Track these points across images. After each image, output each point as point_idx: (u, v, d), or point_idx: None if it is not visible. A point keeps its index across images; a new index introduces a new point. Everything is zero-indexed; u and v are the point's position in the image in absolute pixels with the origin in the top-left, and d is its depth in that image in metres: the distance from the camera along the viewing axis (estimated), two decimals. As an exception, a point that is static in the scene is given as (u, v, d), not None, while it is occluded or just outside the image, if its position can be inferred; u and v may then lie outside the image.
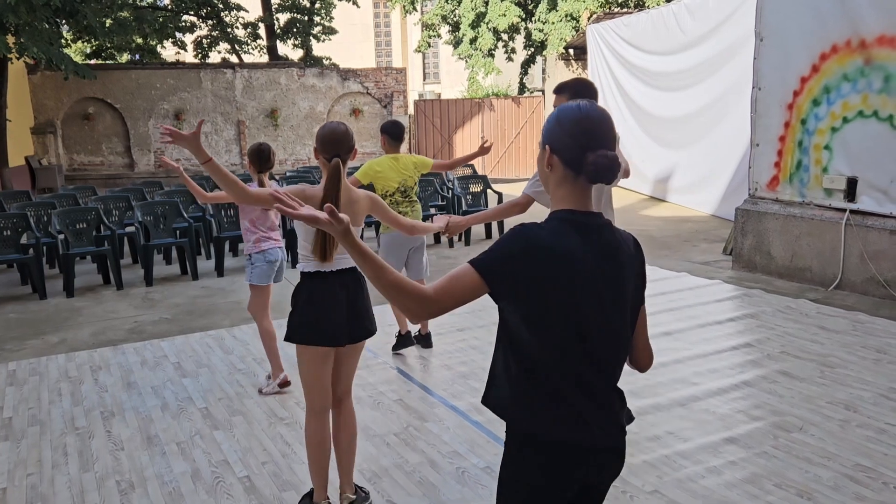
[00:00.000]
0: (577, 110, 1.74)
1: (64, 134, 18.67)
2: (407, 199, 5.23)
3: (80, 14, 16.49)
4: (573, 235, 1.70)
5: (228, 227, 9.15)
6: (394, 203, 5.13)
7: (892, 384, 4.49)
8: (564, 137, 1.73)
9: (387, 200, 5.07)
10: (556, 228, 1.70)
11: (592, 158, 1.68)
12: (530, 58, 22.97)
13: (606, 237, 1.75)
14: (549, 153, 1.75)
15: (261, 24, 23.75)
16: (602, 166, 1.67)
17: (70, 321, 6.82)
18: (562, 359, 1.71)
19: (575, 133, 1.72)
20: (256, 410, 4.48)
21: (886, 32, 6.22)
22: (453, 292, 1.67)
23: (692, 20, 12.27)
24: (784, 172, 7.42)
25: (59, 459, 3.90)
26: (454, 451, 3.82)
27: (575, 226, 1.72)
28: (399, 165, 5.20)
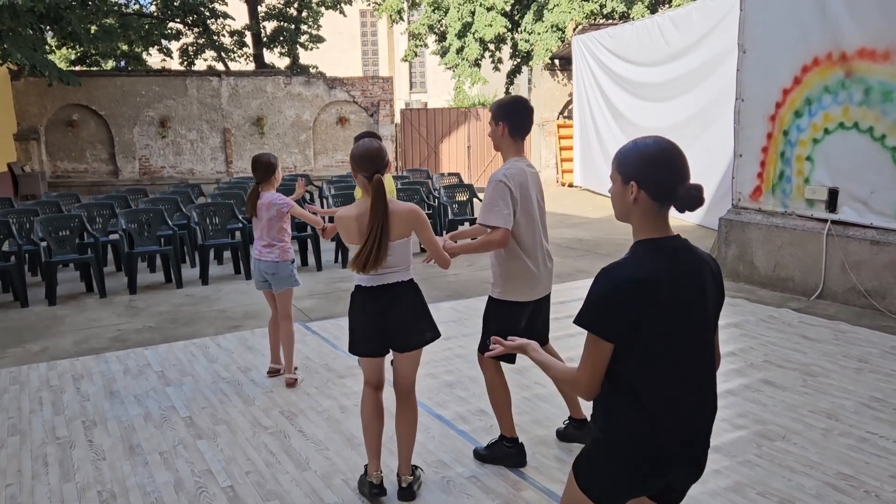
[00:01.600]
0: (657, 147, 1.93)
1: (47, 140, 18.52)
2: None
3: (64, 20, 16.42)
4: (661, 261, 1.89)
5: (213, 235, 9.11)
6: None
7: (873, 393, 4.54)
8: (654, 174, 1.90)
9: None
10: (644, 258, 1.90)
11: (683, 192, 1.88)
12: (516, 68, 23.07)
13: (690, 257, 1.96)
14: (637, 189, 1.91)
15: (247, 31, 23.71)
16: (694, 197, 1.87)
17: (52, 329, 6.75)
18: (661, 377, 1.89)
19: (665, 169, 1.90)
20: (240, 419, 4.45)
21: (867, 46, 6.31)
22: (593, 365, 1.90)
23: (677, 32, 12.39)
24: (767, 183, 7.49)
25: (40, 469, 3.86)
26: (439, 461, 3.82)
27: (662, 251, 1.91)
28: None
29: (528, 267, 3.50)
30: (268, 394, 4.87)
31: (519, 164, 3.49)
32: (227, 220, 9.37)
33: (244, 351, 5.84)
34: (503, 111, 3.50)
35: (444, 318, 6.39)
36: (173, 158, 19.54)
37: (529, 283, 3.53)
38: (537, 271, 3.53)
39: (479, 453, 3.80)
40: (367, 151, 3.20)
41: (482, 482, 3.56)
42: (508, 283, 3.53)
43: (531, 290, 3.56)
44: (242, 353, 5.78)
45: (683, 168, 1.91)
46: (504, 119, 3.49)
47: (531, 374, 4.99)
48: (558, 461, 3.76)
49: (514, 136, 3.52)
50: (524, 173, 3.47)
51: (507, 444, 3.70)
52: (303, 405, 4.64)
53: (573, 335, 5.92)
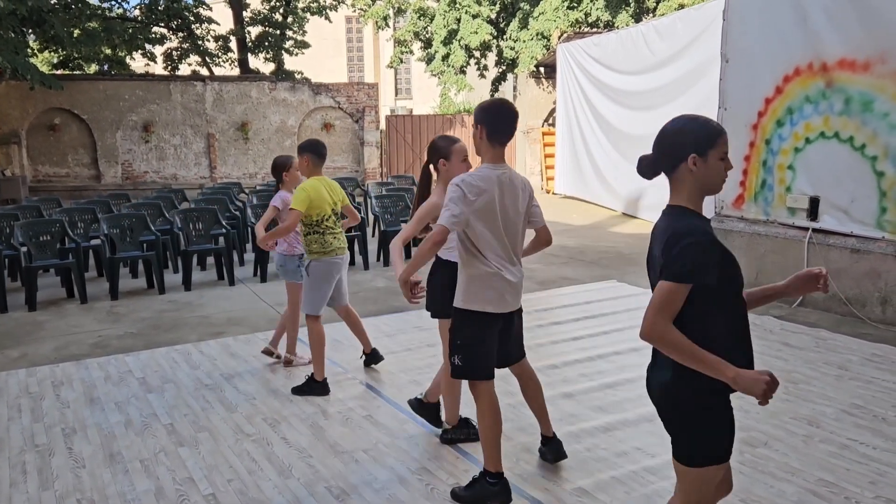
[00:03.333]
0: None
1: (29, 144, 18.35)
2: (338, 223, 5.00)
3: (47, 24, 16.30)
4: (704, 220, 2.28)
5: (197, 240, 9.05)
6: (329, 228, 4.88)
7: (854, 400, 4.58)
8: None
9: (322, 227, 4.85)
10: (696, 217, 2.29)
11: None
12: (501, 75, 23.17)
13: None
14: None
15: (232, 37, 23.64)
16: None
17: (32, 335, 6.67)
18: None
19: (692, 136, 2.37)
20: (223, 427, 4.42)
21: (847, 56, 6.39)
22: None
23: (661, 41, 12.50)
24: (749, 191, 7.56)
25: (18, 478, 3.80)
26: (423, 468, 3.81)
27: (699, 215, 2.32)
28: (328, 186, 4.97)
29: (495, 276, 3.27)
30: (251, 401, 4.84)
31: (486, 172, 3.25)
32: (211, 226, 9.31)
33: (227, 357, 5.80)
34: (483, 113, 3.28)
35: (430, 325, 6.38)
36: (156, 163, 19.43)
37: (498, 293, 3.30)
38: (506, 282, 3.29)
39: (457, 494, 3.43)
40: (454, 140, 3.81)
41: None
42: (472, 291, 3.30)
43: (500, 300, 3.31)
44: (225, 360, 5.74)
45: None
46: (483, 122, 3.26)
47: (514, 382, 4.98)
48: (543, 469, 3.76)
49: (492, 141, 3.26)
50: (490, 180, 3.22)
51: (491, 480, 3.34)
52: (286, 412, 4.62)
53: (557, 342, 5.94)
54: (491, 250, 3.27)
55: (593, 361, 5.45)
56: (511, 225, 3.33)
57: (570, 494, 3.48)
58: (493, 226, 3.26)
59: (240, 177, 19.61)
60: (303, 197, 4.77)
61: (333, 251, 4.91)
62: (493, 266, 3.27)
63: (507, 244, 3.32)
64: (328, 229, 4.89)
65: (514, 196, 3.34)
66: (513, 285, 3.34)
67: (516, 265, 3.38)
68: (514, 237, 3.37)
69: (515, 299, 3.41)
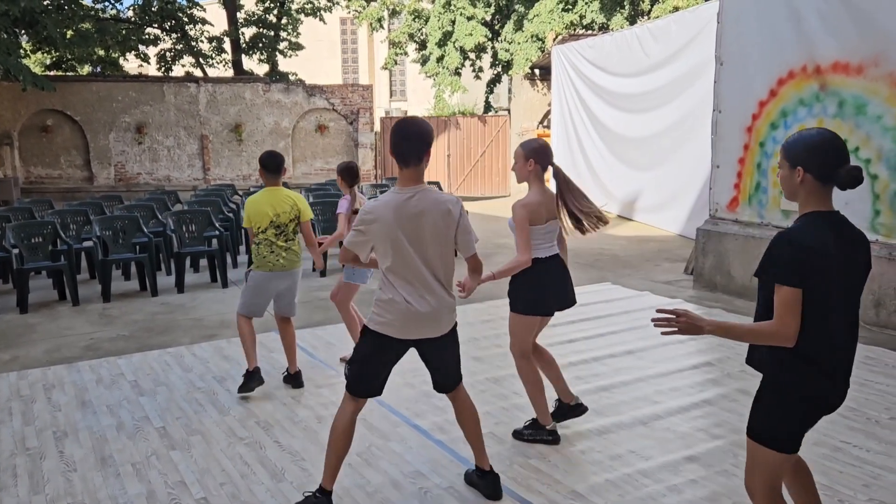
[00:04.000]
0: (820, 137, 2.36)
1: (21, 146, 18.27)
2: (283, 237, 4.88)
3: (39, 25, 16.26)
4: (826, 230, 2.33)
5: (190, 242, 9.02)
6: (267, 241, 4.84)
7: (847, 402, 4.55)
8: (818, 158, 2.34)
9: (259, 237, 4.85)
10: (813, 227, 2.34)
11: (845, 171, 2.31)
12: (496, 77, 23.19)
13: (850, 228, 2.40)
14: (803, 172, 2.35)
15: (226, 38, 23.60)
16: (855, 176, 2.30)
17: (23, 338, 6.63)
18: (820, 328, 2.31)
19: (828, 153, 2.33)
20: (215, 430, 4.39)
21: (840, 59, 6.41)
22: (793, 313, 2.29)
23: (655, 43, 12.52)
24: (743, 194, 7.57)
25: (8, 481, 3.77)
26: (416, 471, 3.79)
27: (827, 222, 2.36)
28: (273, 198, 4.87)
29: (399, 299, 3.17)
30: (243, 404, 4.81)
31: (388, 197, 3.16)
32: (204, 228, 9.28)
33: (220, 360, 5.78)
34: (390, 134, 3.20)
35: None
36: (150, 165, 19.37)
37: (406, 321, 3.19)
38: (413, 308, 3.16)
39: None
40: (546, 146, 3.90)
41: (459, 493, 3.54)
42: (378, 311, 3.24)
43: (406, 327, 3.20)
44: (218, 363, 5.71)
45: (846, 152, 2.34)
46: (390, 143, 3.18)
47: (509, 385, 4.99)
48: (537, 472, 3.75)
49: (399, 164, 3.16)
50: (387, 207, 3.12)
51: (319, 495, 3.35)
52: (279, 415, 4.59)
53: (552, 345, 5.93)
54: (399, 273, 3.17)
55: (588, 364, 5.45)
56: (425, 251, 3.16)
57: (564, 497, 3.47)
58: (399, 248, 3.13)
59: (233, 178, 19.57)
60: (246, 214, 4.94)
61: (268, 265, 4.87)
62: (398, 293, 3.17)
63: (422, 267, 3.16)
64: (264, 241, 4.85)
65: (422, 221, 3.13)
66: (421, 315, 3.18)
67: (434, 293, 3.20)
68: (431, 264, 3.19)
69: (425, 328, 3.24)
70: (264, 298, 5.00)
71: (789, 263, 2.28)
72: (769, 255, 2.34)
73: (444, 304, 3.25)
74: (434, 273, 3.21)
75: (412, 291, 3.17)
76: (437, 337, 3.30)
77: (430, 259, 3.19)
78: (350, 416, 3.33)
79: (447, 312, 3.29)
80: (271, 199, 4.88)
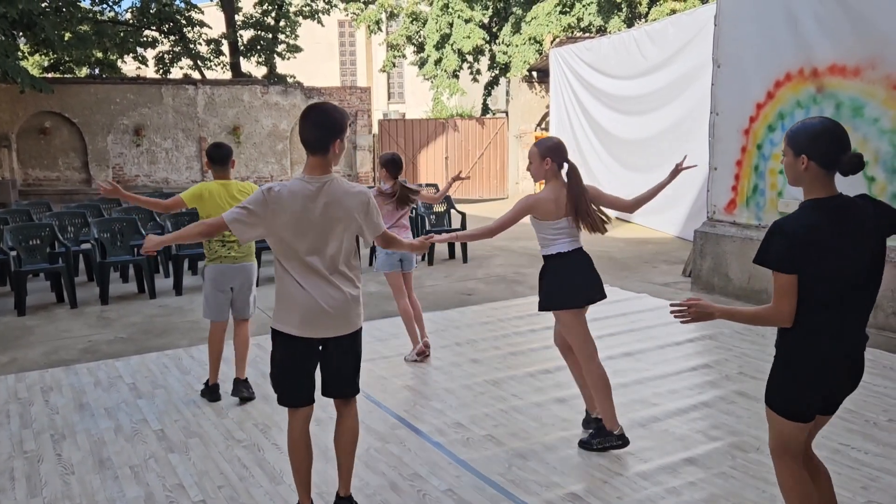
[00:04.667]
0: (821, 125, 2.47)
1: (19, 148, 18.24)
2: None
3: (37, 27, 16.24)
4: (824, 215, 2.44)
5: (187, 245, 9.01)
6: (220, 237, 4.67)
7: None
8: (821, 146, 2.44)
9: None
10: (810, 213, 2.46)
11: (847, 158, 2.41)
12: (494, 79, 23.20)
13: (852, 211, 2.47)
14: (807, 160, 2.46)
15: (224, 40, 23.60)
16: (856, 163, 2.41)
17: (21, 340, 6.62)
18: (820, 311, 2.45)
19: (830, 141, 2.44)
20: (213, 432, 4.39)
21: (837, 62, 6.42)
22: (788, 297, 2.46)
23: (653, 46, 12.54)
24: (741, 196, 7.58)
25: (6, 484, 3.76)
26: (415, 474, 3.79)
27: (825, 208, 2.46)
28: (227, 192, 4.78)
29: (300, 293, 3.02)
30: (241, 406, 4.81)
31: (295, 183, 3.02)
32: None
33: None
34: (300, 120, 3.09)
35: (421, 330, 6.36)
36: (148, 167, 19.35)
37: (303, 314, 3.03)
38: (315, 301, 3.01)
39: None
40: (559, 144, 4.01)
41: (458, 495, 3.54)
42: (278, 308, 3.11)
43: (309, 324, 3.05)
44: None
45: (848, 140, 2.43)
46: (299, 131, 3.07)
47: (507, 387, 4.99)
48: (535, 474, 3.75)
49: (307, 150, 3.04)
50: (294, 194, 2.97)
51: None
52: (277, 418, 4.59)
53: (550, 347, 5.94)
54: (298, 269, 3.03)
55: (586, 366, 5.44)
56: (329, 242, 3.03)
57: (562, 499, 3.47)
58: (297, 234, 2.99)
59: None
60: (192, 191, 4.75)
61: (220, 259, 4.78)
62: (301, 280, 3.02)
63: (322, 264, 3.03)
64: (223, 237, 4.71)
65: (329, 211, 3.01)
66: (324, 311, 3.03)
67: (338, 288, 3.06)
68: (335, 256, 3.06)
69: (337, 325, 3.09)
70: (225, 296, 4.87)
71: (781, 250, 2.44)
72: (765, 243, 2.50)
73: (349, 298, 3.10)
74: (337, 266, 3.07)
75: (314, 285, 3.02)
76: (343, 336, 3.13)
77: (334, 251, 3.05)
78: (300, 429, 3.20)
79: (354, 307, 3.13)
80: (225, 194, 4.76)
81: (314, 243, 3.01)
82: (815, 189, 2.50)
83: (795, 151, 2.50)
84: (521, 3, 20.80)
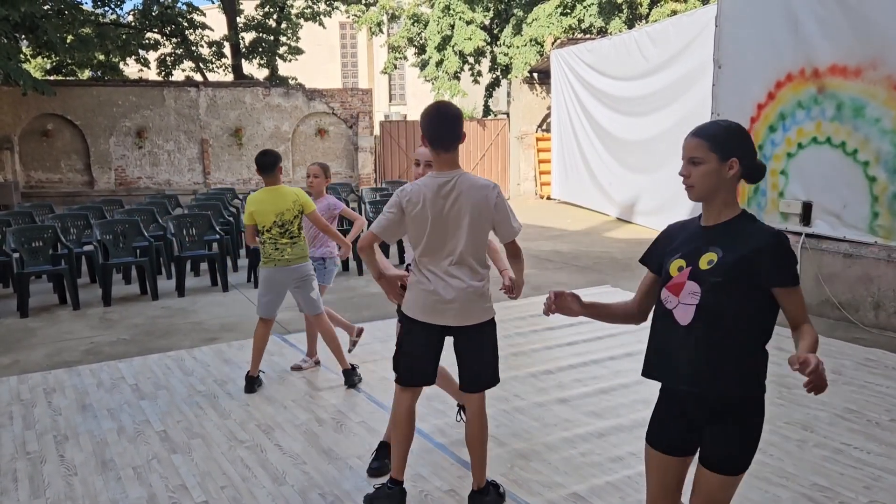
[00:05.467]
0: (739, 126, 2.22)
1: (21, 150, 18.28)
2: (287, 234, 5.00)
3: (40, 29, 16.28)
4: None
5: (190, 246, 9.03)
6: (272, 239, 4.98)
7: (847, 404, 4.59)
8: (751, 147, 2.20)
9: (265, 236, 4.98)
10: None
11: (760, 163, 2.23)
12: (495, 81, 23.21)
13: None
14: (738, 164, 2.17)
15: (226, 42, 23.65)
16: (762, 170, 2.23)
17: (23, 342, 6.64)
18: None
19: (751, 145, 2.21)
20: (216, 433, 4.39)
21: (838, 62, 6.42)
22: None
23: (654, 47, 12.54)
24: (742, 196, 7.58)
25: (9, 486, 3.77)
26: (417, 474, 3.79)
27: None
28: (275, 197, 5.00)
29: (426, 285, 3.19)
30: (244, 407, 4.82)
31: (426, 181, 3.15)
32: (205, 232, 9.29)
33: (220, 364, 5.78)
34: (422, 121, 3.19)
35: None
36: (150, 169, 19.38)
37: (429, 304, 3.20)
38: (439, 293, 3.16)
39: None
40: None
41: (460, 496, 3.54)
42: (407, 297, 3.28)
43: (431, 311, 3.20)
44: (219, 366, 5.72)
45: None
46: (423, 131, 3.17)
47: (510, 387, 4.99)
48: (538, 474, 3.75)
49: (434, 148, 3.14)
50: (428, 190, 3.12)
51: (390, 486, 3.41)
52: (280, 419, 4.60)
53: (551, 347, 5.94)
54: (425, 257, 3.19)
55: (588, 366, 5.45)
56: (459, 236, 3.15)
57: (564, 500, 3.48)
58: (422, 232, 3.14)
59: (234, 182, 19.58)
60: (246, 213, 5.11)
61: (273, 261, 5.01)
62: (428, 274, 3.18)
63: (449, 257, 3.16)
64: (269, 239, 5.00)
65: (459, 205, 3.13)
66: (446, 301, 3.17)
67: (462, 280, 3.17)
68: (463, 250, 3.16)
69: (451, 314, 3.20)
70: (275, 295, 5.09)
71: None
72: (793, 258, 2.28)
73: (472, 290, 3.20)
74: (465, 259, 3.18)
75: (440, 277, 3.17)
76: (468, 326, 3.24)
77: (462, 245, 3.15)
78: (404, 406, 3.36)
79: (476, 299, 3.21)
80: (273, 199, 5.00)
81: (443, 236, 3.15)
82: (734, 202, 2.21)
83: (722, 155, 2.15)
84: (522, 5, 20.82)
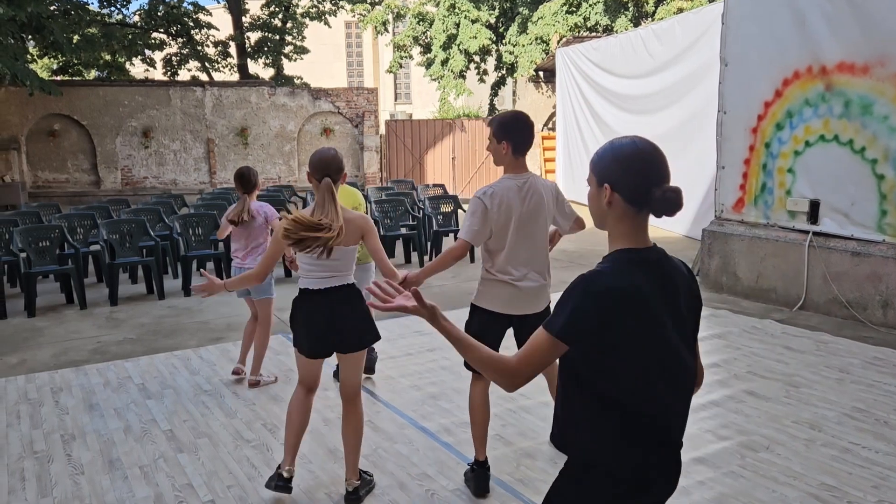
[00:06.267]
0: (633, 146, 1.77)
1: (28, 150, 18.35)
2: None
3: (46, 30, 16.33)
4: (637, 273, 1.73)
5: (196, 246, 9.04)
6: None
7: (855, 403, 4.56)
8: (627, 175, 1.75)
9: None
10: (622, 269, 1.74)
11: (660, 193, 1.72)
12: (501, 79, 23.21)
13: (666, 270, 1.79)
14: (610, 191, 1.76)
15: (231, 42, 23.69)
16: (671, 200, 1.71)
17: (31, 341, 6.66)
18: (639, 394, 1.74)
19: (639, 169, 1.75)
20: (222, 432, 4.40)
21: (846, 59, 6.39)
22: (532, 362, 1.74)
23: (660, 45, 12.51)
24: (749, 195, 7.55)
25: (16, 485, 3.78)
26: (423, 473, 3.79)
27: (638, 263, 1.75)
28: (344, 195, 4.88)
29: (500, 281, 3.46)
30: (250, 406, 4.82)
31: (507, 182, 3.44)
32: (210, 231, 9.30)
33: (226, 363, 5.79)
34: (505, 129, 3.43)
35: (428, 329, 6.36)
36: (156, 169, 19.43)
37: (504, 296, 3.48)
38: (513, 286, 3.46)
39: None
40: (321, 158, 3.37)
41: (467, 495, 3.54)
42: (482, 291, 3.56)
43: (507, 302, 3.49)
44: (225, 366, 5.72)
45: (664, 170, 1.77)
46: (506, 137, 3.41)
47: (516, 386, 4.97)
48: (544, 473, 3.74)
49: (516, 154, 3.43)
50: (510, 190, 3.41)
51: (476, 467, 3.58)
52: (285, 418, 4.59)
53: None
54: (502, 256, 3.45)
55: (594, 366, 5.43)
56: (536, 232, 3.48)
57: (571, 500, 3.46)
58: (504, 233, 3.42)
59: (239, 182, 19.61)
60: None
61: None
62: (502, 271, 3.45)
63: (524, 248, 3.46)
64: None
65: (535, 203, 3.46)
66: (526, 291, 3.47)
67: (539, 272, 3.51)
68: (539, 244, 3.51)
69: (529, 304, 3.50)
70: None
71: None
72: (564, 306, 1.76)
73: (545, 280, 3.55)
74: (540, 252, 3.51)
75: (521, 270, 3.45)
76: (537, 313, 3.51)
77: (538, 239, 3.50)
78: (479, 392, 3.55)
79: (547, 288, 3.59)
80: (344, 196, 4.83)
81: (521, 233, 3.43)
82: (619, 235, 1.79)
83: (599, 180, 1.80)
84: (528, 3, 20.79)
